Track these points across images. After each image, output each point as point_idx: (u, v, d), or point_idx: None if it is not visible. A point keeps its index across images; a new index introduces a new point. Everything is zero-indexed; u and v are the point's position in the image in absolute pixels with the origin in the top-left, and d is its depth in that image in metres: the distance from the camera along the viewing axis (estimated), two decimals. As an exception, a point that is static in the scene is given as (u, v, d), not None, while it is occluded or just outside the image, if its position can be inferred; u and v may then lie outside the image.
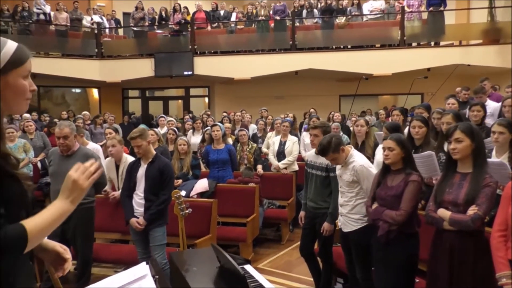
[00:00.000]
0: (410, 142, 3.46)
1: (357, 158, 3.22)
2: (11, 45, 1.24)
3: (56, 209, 1.24)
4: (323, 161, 3.55)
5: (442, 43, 11.11)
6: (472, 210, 2.37)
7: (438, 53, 10.69)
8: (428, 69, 10.43)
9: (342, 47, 11.54)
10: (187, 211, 3.46)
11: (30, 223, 1.16)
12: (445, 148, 2.81)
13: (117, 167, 4.43)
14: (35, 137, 6.81)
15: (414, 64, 10.50)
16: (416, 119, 3.78)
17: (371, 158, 4.04)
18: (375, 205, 2.89)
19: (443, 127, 3.71)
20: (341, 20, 11.45)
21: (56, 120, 9.00)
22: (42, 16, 11.81)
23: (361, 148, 4.39)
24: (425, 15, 11.00)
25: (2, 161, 1.18)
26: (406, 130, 4.03)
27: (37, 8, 11.77)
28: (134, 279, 1.40)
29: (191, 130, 7.55)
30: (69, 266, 1.50)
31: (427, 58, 10.51)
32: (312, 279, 3.90)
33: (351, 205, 3.20)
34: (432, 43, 11.14)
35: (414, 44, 11.21)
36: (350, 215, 3.21)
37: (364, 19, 11.84)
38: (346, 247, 3.35)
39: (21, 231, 1.13)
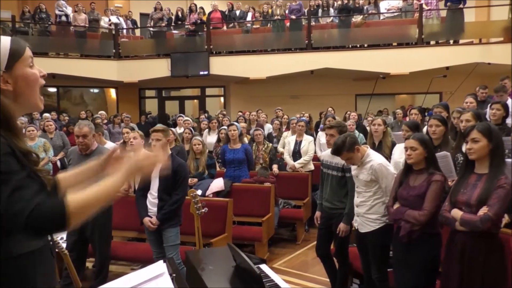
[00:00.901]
0: (428, 142, 3.41)
1: (375, 157, 3.18)
2: (5, 41, 1.25)
3: (108, 184, 1.23)
4: (339, 161, 3.52)
5: (461, 41, 10.91)
6: (482, 211, 2.33)
7: (457, 51, 10.50)
8: (447, 68, 10.25)
9: (358, 46, 11.45)
10: (203, 210, 3.48)
11: (75, 196, 1.14)
12: (464, 149, 2.75)
13: None
14: (55, 137, 6.94)
15: (432, 62, 10.34)
16: (434, 117, 3.71)
17: (388, 158, 3.99)
18: (396, 205, 2.86)
19: (461, 125, 3.63)
20: (357, 18, 11.34)
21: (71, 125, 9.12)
22: (63, 18, 12.03)
23: (378, 148, 4.34)
24: (444, 13, 10.82)
25: (23, 158, 1.19)
26: (424, 130, 3.97)
27: (59, 10, 12.00)
28: (152, 277, 1.41)
29: (206, 130, 7.59)
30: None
31: (445, 57, 10.34)
32: (328, 280, 3.88)
33: (368, 205, 3.17)
34: (451, 41, 10.95)
35: (432, 42, 11.03)
36: (367, 215, 3.18)
37: (381, 17, 11.70)
38: (362, 248, 3.31)
39: (60, 203, 1.11)
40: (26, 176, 1.13)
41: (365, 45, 11.40)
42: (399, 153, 3.74)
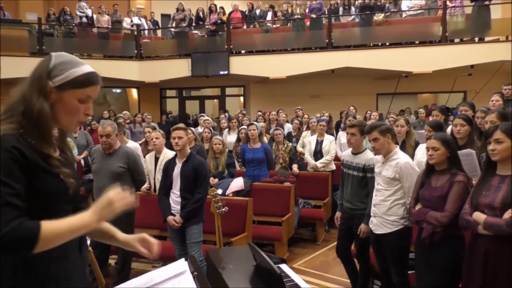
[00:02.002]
0: (452, 142, 3.34)
1: (401, 156, 3.14)
2: (82, 68, 1.32)
3: (80, 220, 1.22)
4: (360, 161, 3.49)
5: (487, 39, 10.62)
6: (508, 214, 2.25)
7: (482, 49, 10.22)
8: (472, 66, 10.00)
9: (380, 44, 11.28)
10: (223, 209, 3.50)
11: (48, 224, 1.15)
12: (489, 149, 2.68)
13: (156, 159, 4.67)
14: (79, 136, 7.09)
15: (456, 61, 10.10)
16: (459, 117, 3.63)
17: (411, 158, 3.92)
18: (418, 206, 2.80)
19: (486, 126, 3.54)
20: (379, 17, 11.19)
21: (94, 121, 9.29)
22: (84, 19, 12.30)
23: (401, 148, 4.27)
24: (468, 10, 10.55)
25: (43, 162, 1.23)
26: (448, 129, 3.88)
27: (80, 12, 12.27)
28: (174, 275, 1.42)
29: (226, 129, 7.62)
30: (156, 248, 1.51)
31: (470, 55, 10.08)
32: (348, 280, 3.84)
33: (387, 206, 3.11)
34: (476, 39, 10.67)
35: (456, 40, 10.77)
36: (385, 216, 3.13)
37: (403, 15, 11.51)
38: (379, 250, 3.26)
39: (34, 228, 1.12)
40: (18, 192, 1.14)
41: (387, 44, 11.23)
42: (422, 153, 3.67)
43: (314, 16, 11.50)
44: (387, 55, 10.78)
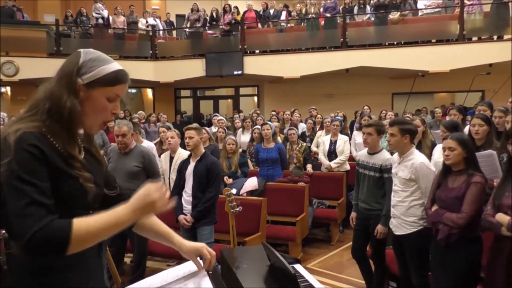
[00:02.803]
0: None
1: (417, 156, 3.11)
2: (111, 66, 1.28)
3: (116, 216, 1.16)
4: (376, 161, 3.45)
5: (506, 37, 10.39)
6: None
7: (501, 47, 9.99)
8: (490, 65, 9.81)
9: (395, 43, 11.16)
10: (237, 209, 3.50)
11: (80, 222, 1.10)
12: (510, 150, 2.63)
13: (171, 159, 4.72)
14: (95, 136, 7.18)
15: (474, 59, 9.92)
16: (477, 116, 3.57)
17: (428, 158, 3.86)
18: (434, 207, 2.76)
19: (507, 126, 3.47)
20: (395, 15, 11.06)
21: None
22: (100, 20, 12.46)
23: (417, 148, 4.21)
24: (487, 8, 10.35)
25: (62, 163, 1.18)
26: (466, 129, 3.82)
27: (96, 13, 12.44)
28: (189, 273, 1.43)
29: (240, 129, 7.64)
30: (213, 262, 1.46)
31: (489, 53, 9.88)
32: (363, 281, 3.81)
33: (405, 206, 3.08)
34: (495, 37, 10.46)
35: (474, 38, 10.58)
36: (404, 217, 3.09)
37: (420, 13, 11.36)
38: (399, 251, 3.23)
39: (66, 227, 1.07)
40: (43, 190, 1.10)
41: (402, 42, 11.10)
42: (439, 153, 3.61)
43: (328, 15, 11.43)
44: (403, 54, 10.65)
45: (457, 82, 10.50)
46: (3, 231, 3.38)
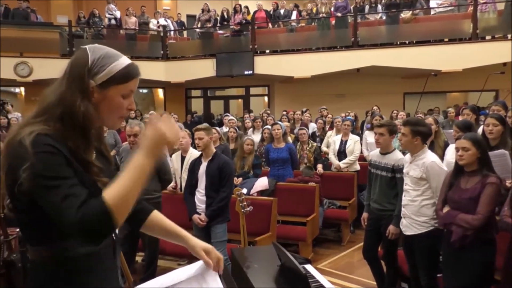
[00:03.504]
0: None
1: (429, 155, 3.08)
2: (122, 61, 1.22)
3: (135, 167, 1.11)
4: (388, 161, 3.43)
5: (520, 36, 10.25)
6: None
7: (516, 46, 9.86)
8: (504, 64, 9.66)
9: (407, 42, 11.06)
10: (248, 209, 3.50)
11: (109, 191, 1.06)
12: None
13: (182, 158, 4.74)
14: (108, 135, 7.24)
15: (488, 58, 9.78)
16: (491, 116, 3.53)
17: (441, 158, 3.82)
18: (446, 209, 2.73)
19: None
20: (406, 14, 10.96)
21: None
22: (113, 21, 12.58)
23: (430, 148, 4.16)
24: (501, 6, 10.20)
25: (80, 167, 1.16)
26: (480, 130, 3.77)
27: (109, 14, 12.56)
28: (200, 273, 1.43)
29: (251, 129, 7.64)
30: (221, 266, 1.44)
31: (503, 52, 9.70)
32: (374, 282, 3.78)
33: (416, 206, 3.05)
34: (509, 36, 10.30)
35: (488, 37, 10.43)
36: (414, 217, 3.06)
37: (432, 12, 11.24)
38: (409, 251, 3.20)
39: (100, 202, 1.04)
40: (74, 182, 1.08)
41: (414, 42, 10.99)
42: (452, 153, 3.57)
43: (339, 14, 11.37)
44: (415, 53, 10.55)
45: (470, 81, 10.37)
46: (17, 229, 3.43)
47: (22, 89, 12.70)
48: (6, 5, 12.12)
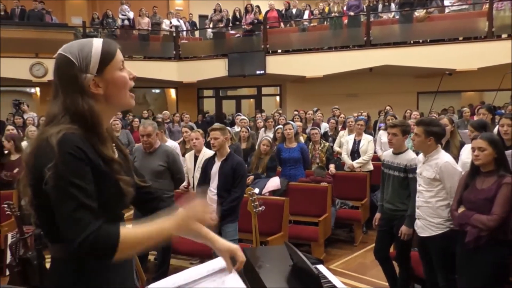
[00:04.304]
0: (499, 143, 3.18)
1: (442, 156, 3.03)
2: (97, 43, 1.24)
3: (160, 229, 1.18)
4: (401, 161, 3.40)
5: (537, 34, 10.05)
6: None
7: (533, 44, 9.68)
8: (521, 63, 9.49)
9: (421, 41, 10.93)
10: (260, 209, 3.51)
11: (127, 231, 1.11)
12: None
13: (196, 158, 4.76)
14: (121, 135, 7.32)
15: (504, 57, 9.59)
16: (506, 116, 3.48)
17: (456, 158, 3.77)
18: (461, 209, 2.69)
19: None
20: (420, 13, 10.84)
21: (136, 119, 9.57)
22: (126, 22, 12.71)
23: (445, 149, 4.11)
24: (517, 3, 10.02)
25: (103, 166, 1.18)
26: (495, 130, 3.70)
27: (122, 14, 12.68)
28: (214, 272, 1.44)
29: (262, 129, 7.64)
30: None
31: (519, 51, 9.56)
32: (386, 283, 3.75)
33: (430, 207, 3.01)
34: (526, 34, 10.13)
35: (504, 35, 10.26)
36: (429, 218, 3.03)
37: (446, 10, 11.09)
38: (424, 253, 3.16)
39: (114, 234, 1.08)
40: (90, 193, 1.10)
41: (428, 40, 10.87)
42: (467, 153, 3.52)
43: (352, 13, 11.30)
44: (429, 52, 10.42)
45: (485, 80, 10.21)
46: (33, 228, 3.48)
47: (38, 89, 12.91)
48: (22, 6, 12.33)
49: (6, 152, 5.03)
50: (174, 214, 1.22)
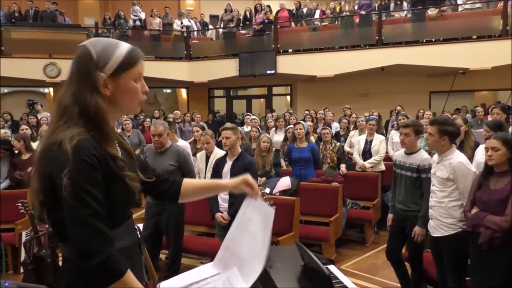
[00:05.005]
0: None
1: (456, 156, 3.00)
2: (123, 47, 1.25)
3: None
4: (414, 161, 3.36)
5: (554, 32, 9.86)
6: None
7: (549, 42, 9.50)
8: (536, 61, 9.32)
9: (433, 40, 10.81)
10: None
11: (130, 276, 1.15)
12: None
13: (207, 158, 4.77)
14: (132, 134, 7.38)
15: (518, 56, 9.46)
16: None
17: (471, 159, 3.72)
18: (474, 210, 2.66)
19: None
20: (433, 11, 10.71)
21: (148, 119, 9.63)
22: (138, 22, 12.81)
23: (459, 149, 4.05)
24: (533, 1, 9.85)
25: (111, 163, 1.19)
26: (510, 130, 3.64)
27: (134, 15, 12.79)
28: (225, 270, 1.44)
29: (273, 129, 7.63)
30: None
31: (535, 49, 9.39)
32: (398, 285, 3.71)
33: (443, 207, 2.98)
34: (542, 32, 9.95)
35: (519, 34, 10.10)
36: (441, 218, 2.99)
37: (460, 8, 10.95)
38: (437, 253, 3.13)
39: (122, 270, 1.13)
40: (101, 201, 1.13)
41: (441, 39, 10.74)
42: (482, 153, 3.47)
43: (363, 12, 11.23)
44: (442, 51, 10.30)
45: (499, 79, 10.05)
46: (46, 226, 3.52)
47: (51, 89, 13.09)
48: (36, 8, 12.51)
49: (16, 152, 5.10)
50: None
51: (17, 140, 5.09)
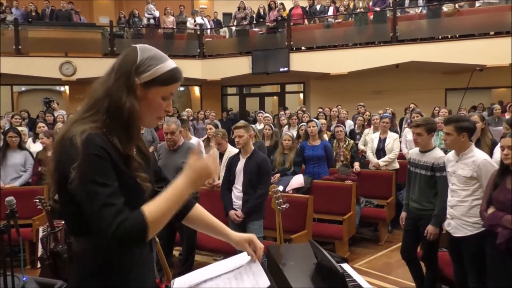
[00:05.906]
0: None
1: (478, 153, 2.95)
2: (167, 65, 1.26)
3: (176, 191, 1.19)
4: (428, 159, 3.32)
5: None
6: None
7: None
8: (556, 58, 9.11)
9: (449, 36, 10.64)
10: (284, 206, 3.50)
11: (149, 208, 1.13)
12: None
13: (221, 155, 4.78)
14: (145, 132, 7.42)
15: (537, 52, 9.26)
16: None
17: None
18: (491, 209, 2.61)
19: None
20: (449, 7, 10.54)
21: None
22: (152, 21, 12.90)
23: (476, 147, 3.98)
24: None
25: (122, 163, 1.19)
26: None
27: (148, 14, 12.88)
28: (239, 266, 1.44)
29: (286, 126, 7.62)
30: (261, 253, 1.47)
31: (554, 45, 9.18)
32: (413, 284, 3.68)
33: (466, 206, 2.93)
34: (562, 27, 9.71)
35: (538, 29, 9.88)
36: (465, 218, 2.94)
37: (477, 4, 10.75)
38: (456, 254, 3.07)
39: (140, 217, 1.11)
40: (114, 191, 1.13)
41: (457, 36, 10.56)
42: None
43: (378, 9, 11.11)
44: (458, 48, 10.14)
45: (518, 76, 9.85)
46: (63, 222, 3.58)
47: (67, 87, 13.28)
48: (52, 7, 12.69)
49: (44, 147, 5.25)
50: (186, 173, 1.23)
51: (46, 136, 5.20)
